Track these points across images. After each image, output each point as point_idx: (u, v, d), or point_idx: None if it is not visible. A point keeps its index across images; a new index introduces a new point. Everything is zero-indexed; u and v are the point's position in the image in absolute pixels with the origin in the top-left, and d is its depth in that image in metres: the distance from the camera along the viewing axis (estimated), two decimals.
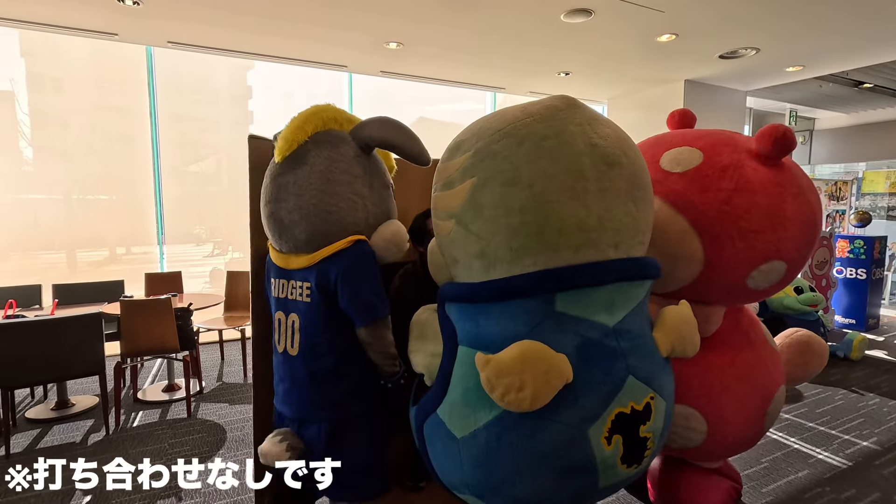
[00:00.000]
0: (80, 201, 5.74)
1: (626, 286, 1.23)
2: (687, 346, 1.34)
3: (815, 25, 3.78)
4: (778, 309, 4.39)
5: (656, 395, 1.25)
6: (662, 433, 1.31)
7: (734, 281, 1.64)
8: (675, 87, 5.47)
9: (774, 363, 1.83)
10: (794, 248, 1.59)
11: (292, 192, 1.38)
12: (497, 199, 1.18)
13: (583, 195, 1.16)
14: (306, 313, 1.41)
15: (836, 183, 6.44)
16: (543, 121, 1.20)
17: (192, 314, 3.27)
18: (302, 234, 1.39)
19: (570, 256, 1.17)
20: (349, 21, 3.75)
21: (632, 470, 1.24)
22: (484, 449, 1.18)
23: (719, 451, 1.81)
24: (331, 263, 1.36)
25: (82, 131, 5.61)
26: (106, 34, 3.99)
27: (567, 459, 1.15)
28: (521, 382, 1.06)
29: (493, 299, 1.21)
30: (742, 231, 1.56)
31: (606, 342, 1.19)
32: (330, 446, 1.42)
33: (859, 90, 6.01)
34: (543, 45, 4.30)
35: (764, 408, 1.75)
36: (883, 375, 3.99)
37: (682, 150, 1.71)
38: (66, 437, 2.81)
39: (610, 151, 1.20)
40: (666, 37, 4.05)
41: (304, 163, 1.39)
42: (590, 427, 1.14)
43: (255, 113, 7.30)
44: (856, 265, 5.47)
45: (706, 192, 1.59)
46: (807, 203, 1.60)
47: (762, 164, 1.59)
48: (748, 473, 2.47)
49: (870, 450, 2.73)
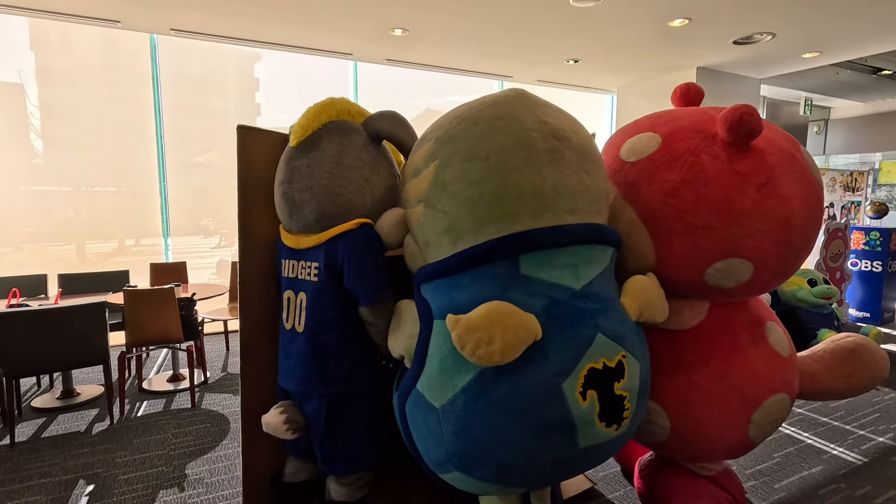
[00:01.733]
0: (89, 193, 5.76)
1: (586, 250, 1.31)
2: (655, 312, 1.39)
3: (834, 9, 3.65)
4: (791, 301, 4.30)
5: (628, 354, 1.28)
6: (642, 395, 1.34)
7: (690, 278, 1.53)
8: (687, 75, 5.35)
9: (770, 369, 1.65)
10: (756, 245, 1.43)
11: (305, 173, 1.47)
12: (458, 175, 1.30)
13: (536, 164, 1.27)
14: (314, 292, 1.48)
15: (851, 173, 6.29)
16: (495, 105, 1.35)
17: (195, 304, 3.25)
18: (311, 213, 1.47)
19: (529, 221, 1.26)
20: (354, 7, 3.69)
21: (612, 430, 1.25)
22: (462, 414, 1.21)
23: (688, 450, 1.70)
24: (339, 242, 1.44)
25: (91, 123, 5.62)
26: (108, 21, 3.96)
27: (544, 415, 1.17)
28: (490, 336, 1.11)
29: (463, 269, 1.29)
30: (689, 226, 1.45)
31: (574, 303, 1.25)
32: (331, 421, 1.49)
33: (878, 77, 5.85)
34: (551, 31, 4.21)
35: (746, 413, 1.60)
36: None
37: (642, 137, 1.62)
38: (71, 427, 2.82)
39: (559, 127, 1.33)
40: (679, 21, 3.94)
41: (318, 147, 1.49)
42: (563, 381, 1.17)
43: (263, 105, 7.28)
44: (871, 257, 5.35)
45: (653, 184, 1.51)
46: (774, 195, 1.41)
47: (726, 150, 1.45)
48: (760, 469, 2.41)
49: (886, 445, 2.66)
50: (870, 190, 7.72)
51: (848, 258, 5.24)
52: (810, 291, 4.19)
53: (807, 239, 1.50)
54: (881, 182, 8.08)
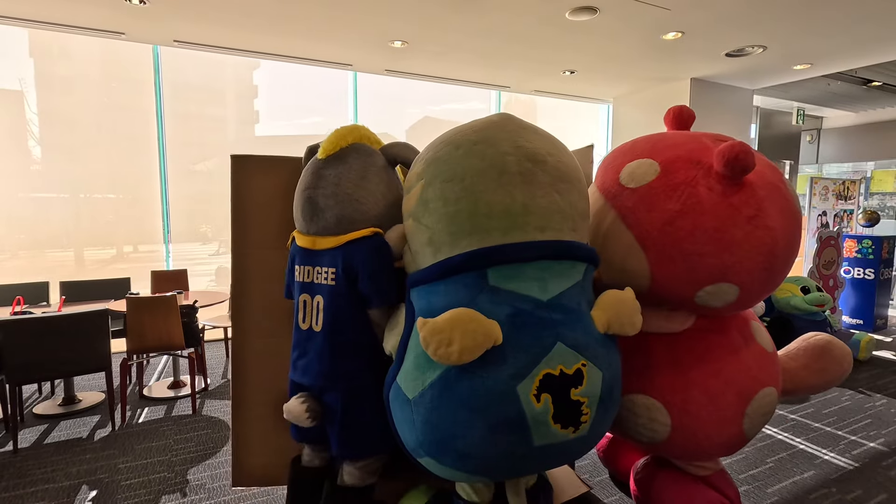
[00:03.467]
0: (88, 200, 5.79)
1: (555, 265, 1.40)
2: (624, 325, 1.43)
3: (823, 23, 3.75)
4: (784, 309, 4.36)
5: (589, 363, 1.35)
6: (605, 402, 1.40)
7: (682, 297, 1.65)
8: (681, 86, 5.45)
9: (759, 364, 1.76)
10: (744, 272, 1.55)
11: (331, 181, 1.65)
12: (439, 194, 1.45)
13: (508, 186, 1.39)
14: (331, 295, 1.63)
15: (843, 182, 6.39)
16: (478, 131, 1.49)
17: (197, 311, 3.29)
18: (333, 216, 1.64)
19: (499, 237, 1.38)
20: (355, 20, 3.76)
21: (569, 433, 1.33)
22: (429, 406, 1.35)
23: (689, 447, 1.76)
24: (357, 245, 1.60)
25: (90, 130, 5.66)
26: (113, 33, 4.02)
27: (499, 413, 1.28)
28: (450, 339, 1.24)
29: (439, 278, 1.43)
30: (685, 253, 1.56)
31: (538, 312, 1.35)
32: (347, 410, 1.63)
33: (868, 88, 5.96)
34: (548, 43, 4.29)
35: (740, 407, 1.70)
36: (890, 376, 3.95)
37: (641, 164, 1.71)
38: (73, 433, 2.84)
39: (535, 151, 1.44)
40: (672, 35, 4.03)
41: (345, 162, 1.67)
42: (518, 384, 1.28)
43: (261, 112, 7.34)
44: (864, 265, 5.43)
45: (652, 212, 1.61)
46: (763, 227, 1.53)
47: (720, 181, 1.55)
48: (753, 473, 2.46)
49: (877, 451, 2.71)
50: (862, 198, 7.83)
51: (841, 266, 5.31)
52: (804, 299, 4.26)
53: (786, 265, 1.63)
54: (873, 191, 8.19)
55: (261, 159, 1.92)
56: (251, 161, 1.91)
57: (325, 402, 1.66)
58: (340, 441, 1.65)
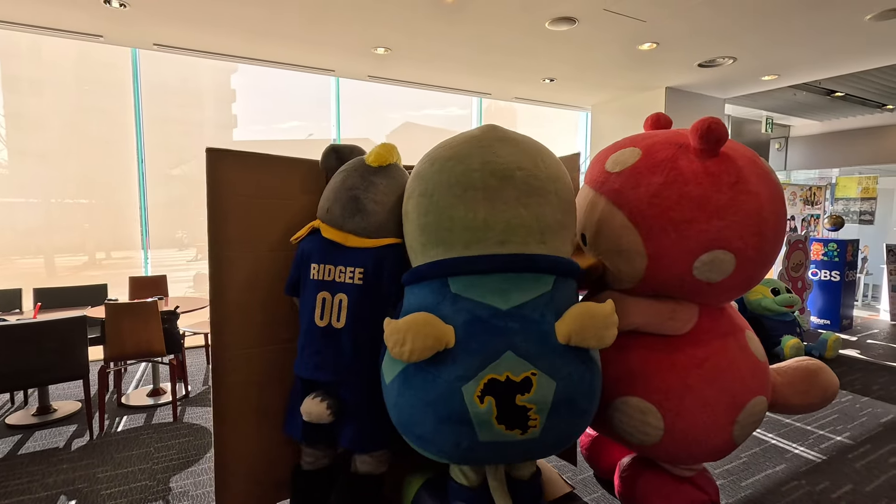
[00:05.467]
0: (59, 205, 5.65)
1: (515, 277, 1.49)
2: (588, 337, 1.42)
3: (788, 36, 3.93)
4: (756, 310, 4.52)
5: (539, 372, 1.40)
6: (559, 411, 1.43)
7: (680, 272, 1.68)
8: (656, 94, 5.61)
9: (753, 373, 1.80)
10: (736, 236, 1.60)
11: (381, 190, 1.79)
12: (415, 207, 1.61)
13: (471, 202, 1.50)
14: (356, 293, 1.72)
15: (810, 188, 6.66)
16: (454, 147, 1.60)
17: (178, 317, 3.24)
18: (376, 222, 1.77)
19: (460, 250, 1.51)
20: (338, 26, 3.78)
21: (516, 434, 1.41)
22: (395, 394, 1.52)
23: (679, 452, 1.79)
24: (390, 250, 1.76)
25: (62, 134, 5.53)
26: (91, 36, 3.95)
27: (445, 409, 1.41)
28: (404, 339, 1.38)
29: (412, 282, 1.61)
30: (674, 221, 1.62)
31: (493, 321, 1.44)
32: (368, 403, 1.72)
33: (831, 99, 6.23)
34: (529, 52, 4.39)
35: (732, 415, 1.73)
36: (856, 374, 4.13)
37: (624, 152, 1.82)
38: (49, 443, 2.77)
39: (502, 167, 1.52)
40: (647, 45, 4.16)
41: (392, 177, 1.83)
42: (463, 385, 1.39)
43: (239, 116, 7.27)
44: (830, 268, 5.66)
45: (638, 188, 1.69)
46: (746, 192, 1.60)
47: (699, 156, 1.65)
48: (728, 468, 2.55)
49: (843, 444, 2.83)
50: (828, 204, 8.16)
51: (808, 268, 5.53)
52: (774, 300, 4.43)
53: (777, 230, 1.68)
54: (838, 196, 8.54)
55: (240, 155, 1.82)
56: (229, 156, 1.80)
57: (342, 397, 1.72)
58: (360, 434, 1.72)
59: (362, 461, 1.81)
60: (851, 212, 8.32)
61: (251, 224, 1.86)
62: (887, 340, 5.28)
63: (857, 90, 5.86)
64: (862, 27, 3.71)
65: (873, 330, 5.78)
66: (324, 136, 5.85)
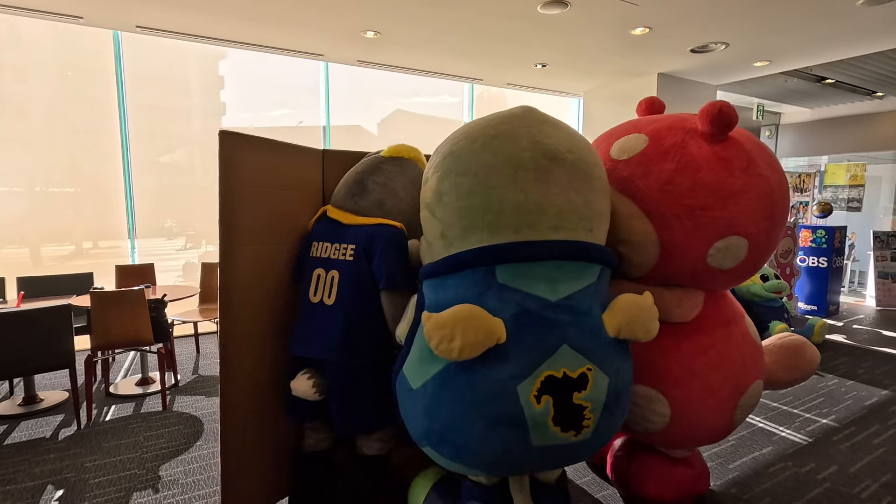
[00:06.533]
0: (44, 194, 5.54)
1: (567, 265, 1.37)
2: (637, 330, 1.38)
3: (781, 22, 3.91)
4: (745, 296, 4.56)
5: (595, 367, 1.32)
6: (609, 408, 1.36)
7: (694, 260, 1.65)
8: (648, 81, 5.59)
9: (752, 357, 1.81)
10: (750, 222, 1.59)
11: (387, 175, 1.85)
12: (452, 187, 1.43)
13: (522, 182, 1.36)
14: (348, 270, 1.70)
15: (800, 175, 6.70)
16: (497, 125, 1.45)
17: (166, 306, 3.20)
18: (374, 200, 1.81)
19: (510, 235, 1.36)
20: (327, 8, 3.71)
21: (570, 436, 1.31)
22: (431, 398, 1.37)
23: (684, 438, 1.80)
24: (381, 229, 1.73)
25: (45, 121, 5.40)
26: (70, 17, 3.84)
27: (497, 410, 1.28)
28: (452, 334, 1.23)
29: (449, 272, 1.43)
30: (689, 209, 1.58)
31: (545, 313, 1.33)
32: (351, 386, 1.68)
33: (822, 86, 6.24)
34: (521, 37, 4.33)
35: (734, 400, 1.74)
36: (841, 358, 4.20)
37: (630, 138, 1.75)
38: (36, 433, 2.74)
39: (552, 148, 1.40)
40: (640, 30, 4.13)
41: (402, 166, 1.90)
42: (519, 384, 1.27)
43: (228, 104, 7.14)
44: (818, 254, 5.71)
45: (649, 175, 1.63)
46: (758, 175, 1.58)
47: (708, 141, 1.60)
48: (717, 451, 2.58)
49: (828, 427, 2.88)
50: (816, 191, 8.21)
51: (797, 255, 5.58)
52: (763, 286, 4.46)
53: (784, 214, 1.67)
54: (826, 184, 8.60)
55: (254, 140, 1.69)
56: (243, 140, 1.66)
57: (329, 376, 1.70)
58: (341, 417, 1.70)
59: (365, 444, 1.81)
60: (839, 199, 8.39)
61: (265, 214, 1.76)
62: (873, 326, 5.36)
63: (847, 77, 5.87)
64: (854, 12, 3.70)
65: (859, 315, 5.86)
66: (314, 124, 5.77)
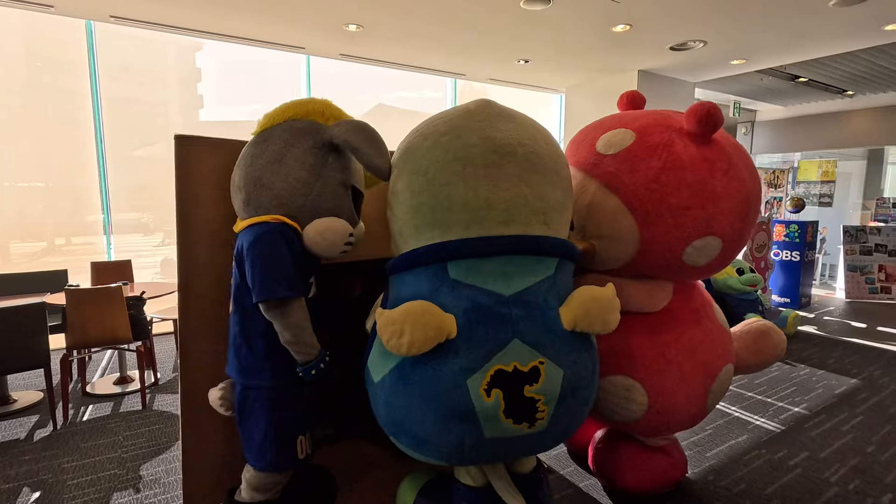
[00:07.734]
0: (12, 189, 5.36)
1: (518, 260, 1.37)
2: (594, 323, 1.37)
3: (756, 21, 4.00)
4: (721, 289, 4.67)
5: (548, 361, 1.31)
6: (566, 400, 1.36)
7: (671, 256, 1.69)
8: (629, 77, 5.66)
9: (722, 343, 1.87)
10: (727, 223, 1.63)
11: (247, 162, 1.50)
12: (406, 186, 1.44)
13: (470, 179, 1.36)
14: (236, 278, 1.49)
15: (774, 171, 6.88)
16: (449, 121, 1.45)
17: (144, 303, 3.14)
18: (238, 200, 1.51)
19: (460, 231, 1.36)
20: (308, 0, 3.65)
21: (523, 428, 1.32)
22: (389, 392, 1.39)
23: (660, 425, 1.85)
24: (245, 234, 1.43)
25: (12, 113, 5.22)
26: (41, 6, 3.71)
27: (448, 404, 1.30)
28: (402, 330, 1.24)
29: (405, 269, 1.44)
30: (672, 208, 1.61)
31: (497, 308, 1.33)
32: (241, 409, 1.50)
33: (795, 84, 6.40)
34: (503, 32, 4.34)
35: (707, 385, 1.79)
36: (813, 348, 4.34)
37: (616, 133, 1.77)
38: (9, 434, 2.66)
39: (503, 142, 1.39)
40: (621, 27, 4.18)
41: (268, 141, 1.51)
42: (468, 378, 1.28)
43: (205, 96, 7.00)
44: (791, 248, 5.88)
45: (635, 172, 1.66)
46: (737, 179, 1.63)
47: (693, 141, 1.64)
48: (694, 440, 2.65)
49: (800, 415, 2.98)
50: (790, 187, 8.44)
51: (771, 249, 5.73)
52: (738, 279, 4.58)
53: (755, 218, 1.73)
54: (800, 179, 8.85)
55: (212, 142, 1.67)
56: (200, 143, 1.66)
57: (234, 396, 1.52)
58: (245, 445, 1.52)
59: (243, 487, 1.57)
60: (812, 194, 8.64)
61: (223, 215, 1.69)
62: (842, 317, 5.55)
63: (820, 76, 6.04)
64: (826, 13, 3.80)
65: (829, 307, 6.06)
66: None
